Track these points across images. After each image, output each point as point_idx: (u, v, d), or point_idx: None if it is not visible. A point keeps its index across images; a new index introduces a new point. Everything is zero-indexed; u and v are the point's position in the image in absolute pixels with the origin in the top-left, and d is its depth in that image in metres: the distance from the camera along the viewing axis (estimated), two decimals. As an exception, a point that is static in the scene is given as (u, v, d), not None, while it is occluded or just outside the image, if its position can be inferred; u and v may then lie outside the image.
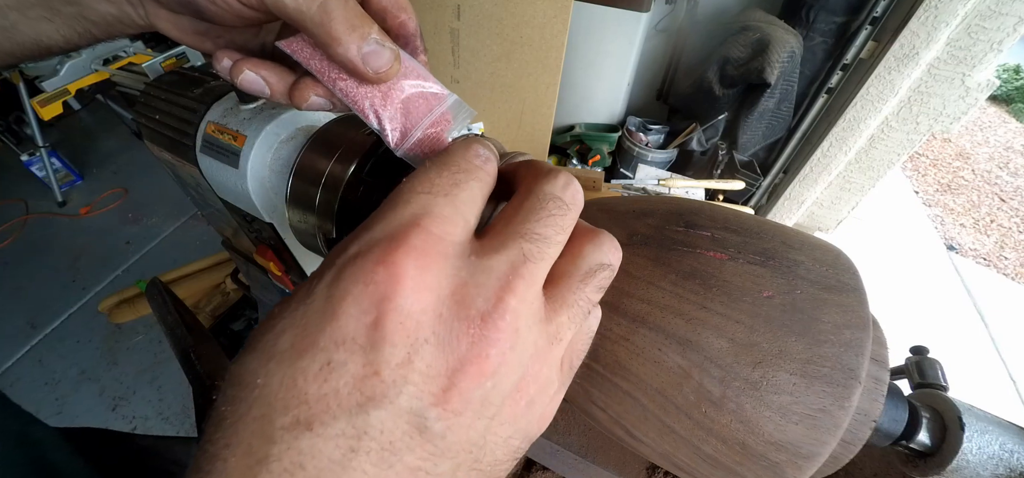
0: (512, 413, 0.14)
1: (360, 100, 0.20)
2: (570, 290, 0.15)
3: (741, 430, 0.17)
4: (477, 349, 0.12)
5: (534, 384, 0.14)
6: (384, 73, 0.19)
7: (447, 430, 0.12)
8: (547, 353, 0.14)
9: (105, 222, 1.70)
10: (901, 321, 1.60)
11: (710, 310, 0.18)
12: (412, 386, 0.11)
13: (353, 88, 0.20)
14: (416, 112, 0.21)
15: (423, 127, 0.20)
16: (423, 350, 0.12)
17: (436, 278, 0.12)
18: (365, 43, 0.18)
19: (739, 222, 0.20)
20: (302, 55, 0.20)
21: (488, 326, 0.12)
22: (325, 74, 0.20)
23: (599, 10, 1.02)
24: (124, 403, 1.20)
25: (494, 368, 0.12)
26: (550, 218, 0.14)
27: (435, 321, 0.12)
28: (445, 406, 0.12)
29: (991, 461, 0.24)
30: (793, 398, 0.17)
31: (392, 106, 0.20)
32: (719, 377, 0.17)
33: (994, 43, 0.79)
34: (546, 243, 0.14)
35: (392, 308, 0.11)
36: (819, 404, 0.17)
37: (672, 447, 0.19)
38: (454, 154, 0.15)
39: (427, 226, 0.13)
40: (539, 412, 0.15)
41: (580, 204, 0.15)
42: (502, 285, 0.13)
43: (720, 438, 0.18)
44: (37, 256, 1.56)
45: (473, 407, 0.12)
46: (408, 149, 0.21)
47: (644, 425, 0.20)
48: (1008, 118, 3.66)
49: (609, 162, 1.16)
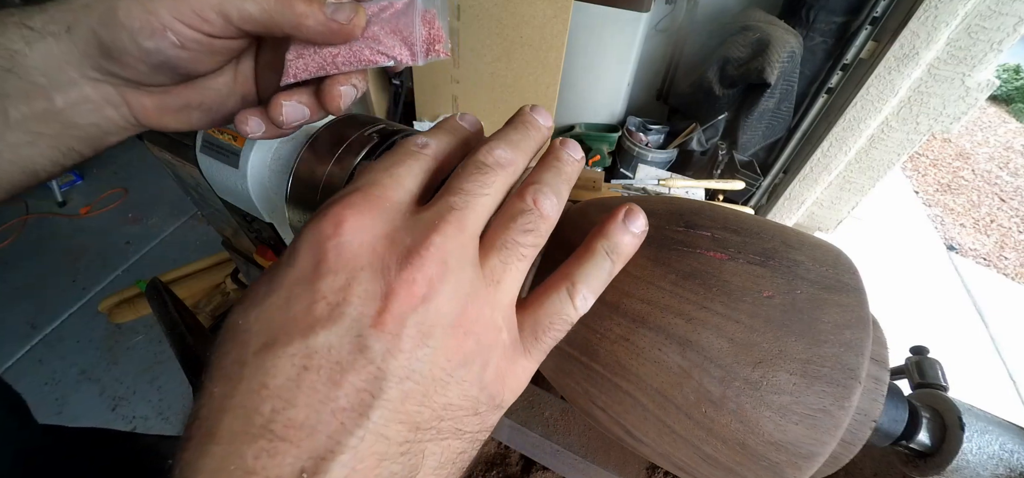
0: (458, 349, 0.14)
1: (361, 57, 0.22)
2: (497, 235, 0.16)
3: (741, 430, 0.17)
4: (405, 274, 0.14)
5: (477, 324, 0.15)
6: (356, 19, 0.20)
7: (387, 352, 0.13)
8: (486, 294, 0.15)
9: (105, 222, 1.69)
10: (901, 321, 1.60)
11: (710, 310, 0.18)
12: (352, 308, 0.13)
13: (349, 53, 0.22)
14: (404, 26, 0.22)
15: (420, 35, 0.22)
16: (360, 276, 0.14)
17: (372, 222, 0.14)
18: (326, 7, 0.20)
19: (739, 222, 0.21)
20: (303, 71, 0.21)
21: (414, 255, 0.14)
22: (325, 65, 0.22)
23: (599, 10, 1.02)
24: (124, 403, 1.20)
25: (423, 293, 0.14)
26: (471, 176, 0.16)
27: (370, 254, 0.14)
28: (382, 327, 0.13)
29: (991, 461, 0.24)
30: (793, 398, 0.17)
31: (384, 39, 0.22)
32: (719, 377, 0.17)
33: (994, 43, 0.79)
34: (469, 195, 0.16)
35: (333, 245, 0.14)
36: (819, 404, 0.17)
37: (672, 447, 0.19)
38: (398, 146, 0.17)
39: (367, 191, 0.15)
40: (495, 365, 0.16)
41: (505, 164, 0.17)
42: (429, 227, 0.15)
43: (720, 438, 0.18)
44: (37, 256, 1.56)
45: (409, 332, 0.13)
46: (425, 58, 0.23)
47: (644, 425, 0.20)
48: (1008, 118, 3.66)
49: (609, 162, 1.16)
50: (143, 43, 0.19)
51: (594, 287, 0.17)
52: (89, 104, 0.21)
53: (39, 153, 0.20)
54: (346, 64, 0.22)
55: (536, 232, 0.16)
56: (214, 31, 0.19)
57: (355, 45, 0.22)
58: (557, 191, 0.17)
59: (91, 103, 0.21)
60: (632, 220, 0.18)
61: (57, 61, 0.19)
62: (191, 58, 0.20)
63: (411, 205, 0.16)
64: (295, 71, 0.21)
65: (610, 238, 0.18)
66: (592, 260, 0.17)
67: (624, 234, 0.18)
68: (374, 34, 0.22)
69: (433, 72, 1.10)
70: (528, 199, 0.16)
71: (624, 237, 0.18)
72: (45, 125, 0.20)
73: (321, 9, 0.20)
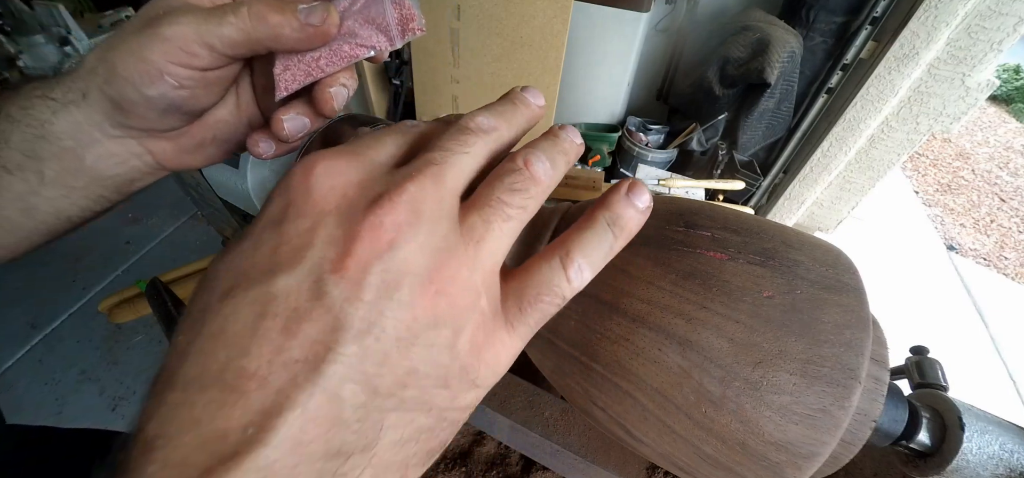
0: (427, 308, 0.13)
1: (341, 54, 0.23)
2: (481, 193, 0.15)
3: (741, 430, 0.17)
4: (372, 217, 0.13)
5: (451, 284, 0.13)
6: (329, 19, 0.21)
7: (345, 299, 0.12)
8: (463, 252, 0.14)
9: (105, 222, 1.69)
10: (901, 321, 1.60)
11: (710, 310, 0.18)
12: (314, 251, 0.12)
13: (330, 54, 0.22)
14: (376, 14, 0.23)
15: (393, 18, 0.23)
16: (326, 220, 0.13)
17: (345, 169, 0.14)
18: (299, 13, 0.20)
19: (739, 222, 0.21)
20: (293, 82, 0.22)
21: (384, 198, 0.13)
22: (313, 70, 0.22)
23: (599, 10, 1.02)
24: (124, 403, 1.20)
25: (390, 239, 0.13)
26: (452, 136, 0.15)
27: (340, 199, 0.13)
28: (342, 272, 0.12)
29: (991, 461, 0.24)
30: (793, 398, 0.17)
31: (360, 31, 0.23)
32: (719, 377, 0.17)
33: (994, 43, 0.79)
34: (448, 152, 0.15)
35: (302, 189, 0.13)
36: (819, 404, 0.17)
37: (672, 447, 0.19)
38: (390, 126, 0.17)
39: (346, 147, 0.15)
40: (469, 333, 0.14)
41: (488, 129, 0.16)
42: (404, 177, 0.14)
43: (720, 438, 0.18)
44: (37, 256, 1.55)
45: (372, 280, 0.12)
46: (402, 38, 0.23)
47: (644, 425, 0.20)
48: (1008, 118, 3.66)
49: (609, 162, 1.16)
50: (145, 91, 0.20)
51: (592, 259, 0.16)
52: (114, 158, 0.23)
53: (72, 203, 0.23)
54: (330, 65, 0.22)
55: (524, 193, 0.15)
56: (204, 63, 0.21)
57: (334, 44, 0.22)
58: (552, 159, 0.16)
59: (116, 157, 0.23)
60: (636, 194, 0.17)
61: (81, 125, 0.21)
62: (191, 96, 0.22)
63: (389, 164, 0.15)
64: (285, 84, 0.22)
65: (612, 209, 0.16)
66: (592, 229, 0.16)
67: (627, 207, 0.16)
68: (350, 28, 0.22)
69: (433, 72, 1.10)
70: (518, 160, 0.15)
71: (627, 210, 0.16)
72: (76, 179, 0.22)
73: (294, 16, 0.20)
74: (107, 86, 0.20)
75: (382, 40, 0.23)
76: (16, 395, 1.20)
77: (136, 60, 0.20)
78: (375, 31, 0.23)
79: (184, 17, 0.20)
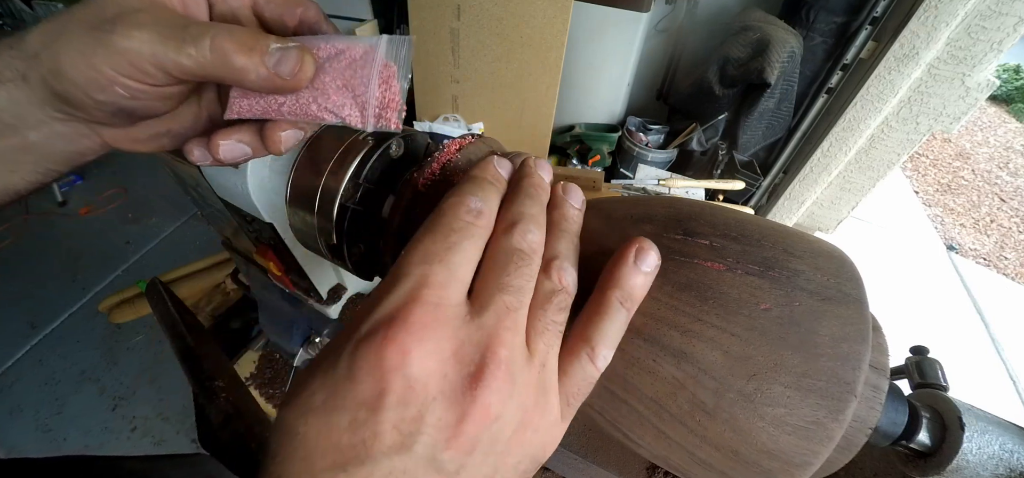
0: (520, 444, 0.16)
1: (306, 109, 0.20)
2: (538, 319, 0.17)
3: (734, 439, 0.18)
4: (480, 401, 0.14)
5: (535, 414, 0.16)
6: (300, 72, 0.19)
7: (461, 468, 0.14)
8: (539, 382, 0.16)
9: (105, 222, 1.69)
10: (901, 321, 1.60)
11: (706, 322, 0.18)
12: (426, 436, 0.13)
13: (294, 103, 0.20)
14: (359, 84, 0.20)
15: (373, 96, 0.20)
16: (433, 407, 0.14)
17: (437, 344, 0.14)
18: (267, 56, 0.19)
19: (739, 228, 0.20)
20: (246, 110, 0.21)
21: (484, 374, 0.14)
22: (271, 110, 0.21)
23: (599, 10, 1.02)
24: (124, 403, 1.20)
25: (497, 413, 0.14)
26: (519, 270, 0.17)
27: (440, 381, 0.14)
28: (456, 449, 0.14)
29: (991, 461, 0.24)
30: (787, 410, 0.17)
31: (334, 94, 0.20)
32: (713, 389, 0.18)
33: (994, 43, 0.79)
34: (521, 293, 0.16)
35: (401, 376, 0.14)
36: (813, 417, 0.17)
37: (667, 451, 0.20)
38: (446, 215, 0.17)
39: (425, 298, 0.15)
40: (542, 439, 0.17)
41: (538, 249, 0.18)
42: (492, 337, 0.15)
43: (713, 445, 0.18)
44: (37, 256, 1.56)
45: (482, 446, 0.14)
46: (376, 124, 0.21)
47: (640, 429, 0.20)
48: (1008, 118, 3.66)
49: (609, 162, 1.16)
50: (95, 96, 0.19)
51: (611, 343, 0.18)
52: (61, 137, 0.21)
53: (20, 179, 0.21)
54: (291, 114, 0.21)
55: (567, 309, 0.18)
56: (156, 82, 0.19)
57: (302, 95, 0.20)
58: (572, 260, 0.18)
59: (63, 136, 0.21)
60: (643, 259, 0.18)
61: (22, 105, 0.19)
62: (143, 105, 0.20)
63: (466, 302, 0.16)
64: (238, 109, 0.20)
65: (623, 286, 0.18)
66: (607, 316, 0.18)
67: (636, 276, 0.18)
68: (323, 85, 0.20)
69: (433, 72, 1.10)
70: (554, 278, 0.17)
71: (636, 279, 0.18)
72: (23, 155, 0.20)
73: (262, 63, 0.18)
74: (52, 79, 0.18)
75: (354, 114, 0.20)
76: (16, 395, 1.20)
77: (85, 65, 0.18)
78: (350, 100, 0.20)
79: (139, 31, 0.18)
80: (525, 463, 0.16)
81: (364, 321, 0.15)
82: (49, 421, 1.16)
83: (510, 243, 0.17)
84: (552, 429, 0.17)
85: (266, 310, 0.66)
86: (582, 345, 0.17)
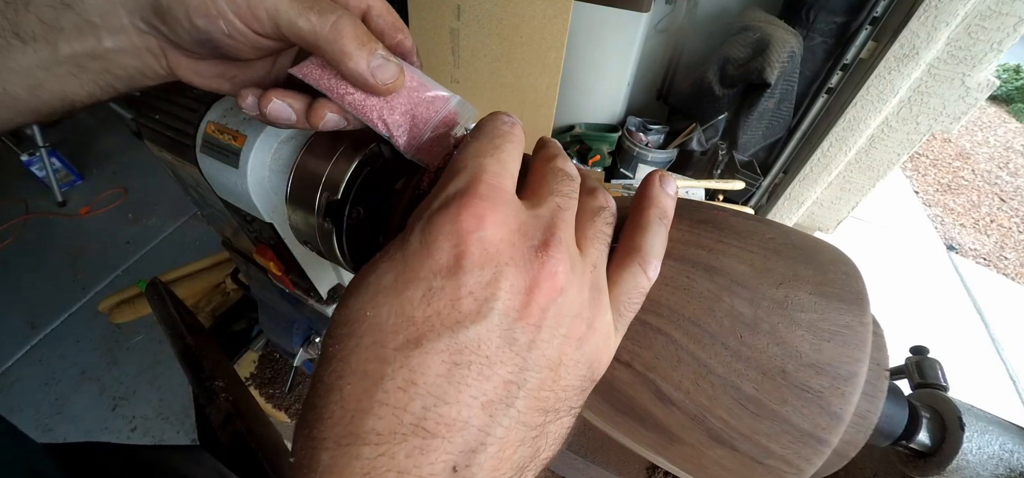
0: (578, 335, 0.16)
1: (369, 111, 0.22)
2: (587, 227, 0.18)
3: (779, 353, 0.17)
4: (548, 268, 0.14)
5: (591, 309, 0.16)
6: (391, 84, 0.21)
7: (531, 343, 0.14)
8: (593, 281, 0.17)
9: (105, 222, 1.69)
10: (901, 321, 1.60)
11: (727, 243, 0.20)
12: (500, 303, 0.14)
13: (362, 101, 0.22)
14: (422, 116, 0.23)
15: (432, 127, 0.23)
16: (506, 271, 0.14)
17: (504, 216, 0.15)
18: (373, 58, 0.20)
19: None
20: (313, 77, 0.22)
21: (550, 249, 0.15)
22: (335, 92, 0.22)
23: (599, 10, 1.02)
24: (124, 403, 1.20)
25: (562, 284, 0.15)
26: (565, 182, 0.18)
27: (510, 248, 0.14)
28: (527, 320, 0.14)
29: (991, 461, 0.24)
30: (818, 315, 0.18)
31: (398, 113, 0.22)
32: (748, 298, 0.18)
33: (994, 43, 0.79)
34: (569, 198, 0.17)
35: (477, 239, 0.14)
36: (842, 321, 0.18)
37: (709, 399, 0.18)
38: (487, 125, 0.18)
39: (487, 179, 0.15)
40: (597, 343, 0.17)
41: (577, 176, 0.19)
42: (551, 224, 0.16)
43: (759, 369, 0.17)
44: (37, 256, 1.56)
45: (549, 322, 0.14)
46: (418, 150, 0.23)
47: (677, 372, 0.19)
48: (1008, 118, 3.66)
49: (609, 162, 1.16)
50: (195, 20, 0.19)
51: (658, 253, 0.19)
52: (133, 50, 0.21)
53: (80, 86, 0.21)
54: (352, 106, 0.22)
55: (612, 224, 0.19)
56: (262, 31, 0.20)
57: (371, 99, 0.22)
58: None
59: (135, 49, 0.21)
60: (667, 182, 0.20)
61: (112, 5, 0.19)
62: (235, 46, 0.21)
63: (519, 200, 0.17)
64: (308, 73, 0.22)
65: (658, 204, 0.19)
66: (651, 230, 0.19)
67: (666, 197, 0.20)
68: (392, 103, 0.22)
69: (433, 72, 1.10)
70: (600, 198, 0.19)
71: (666, 199, 0.20)
72: (90, 62, 0.20)
73: (367, 59, 0.20)
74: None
75: (402, 136, 0.22)
76: (16, 395, 1.20)
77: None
78: (407, 125, 0.22)
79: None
80: (582, 367, 0.16)
81: (433, 202, 0.15)
82: (49, 421, 1.16)
83: (553, 164, 0.18)
84: (607, 338, 0.17)
85: (266, 310, 0.66)
86: (632, 255, 0.18)
